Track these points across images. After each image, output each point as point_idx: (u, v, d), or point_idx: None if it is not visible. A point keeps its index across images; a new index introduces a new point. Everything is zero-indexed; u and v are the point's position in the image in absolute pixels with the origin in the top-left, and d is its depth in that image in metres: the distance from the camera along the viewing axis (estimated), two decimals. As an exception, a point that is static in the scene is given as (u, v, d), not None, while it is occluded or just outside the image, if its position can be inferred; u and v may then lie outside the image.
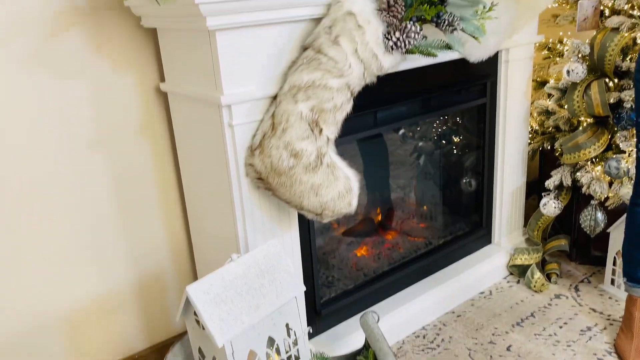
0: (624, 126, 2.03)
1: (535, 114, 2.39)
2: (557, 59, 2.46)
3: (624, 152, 2.08)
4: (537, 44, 2.40)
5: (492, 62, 2.08)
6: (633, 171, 1.97)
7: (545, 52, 2.54)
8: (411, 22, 1.39)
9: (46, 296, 1.60)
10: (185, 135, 1.64)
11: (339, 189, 1.44)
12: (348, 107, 1.44)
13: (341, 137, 1.50)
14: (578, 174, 2.15)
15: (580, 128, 2.16)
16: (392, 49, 1.40)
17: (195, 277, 1.90)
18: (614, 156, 2.07)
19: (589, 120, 2.16)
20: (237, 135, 1.42)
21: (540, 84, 2.53)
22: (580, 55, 2.09)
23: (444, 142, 2.35)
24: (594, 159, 2.18)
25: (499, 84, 2.17)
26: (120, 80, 1.61)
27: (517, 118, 2.25)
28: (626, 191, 2.01)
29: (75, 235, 1.62)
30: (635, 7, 2.03)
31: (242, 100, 1.39)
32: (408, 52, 1.44)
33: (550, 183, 2.23)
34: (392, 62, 1.44)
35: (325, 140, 1.42)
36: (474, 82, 2.08)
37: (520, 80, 2.20)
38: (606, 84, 2.10)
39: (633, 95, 2.00)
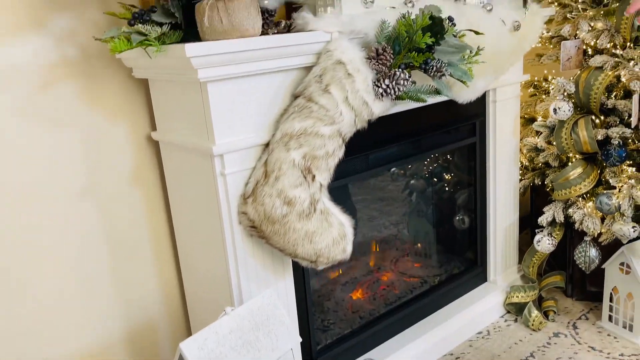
0: (612, 163, 2.05)
1: (524, 151, 2.41)
2: (543, 96, 2.51)
3: (614, 187, 2.09)
4: (523, 83, 2.44)
5: (480, 102, 2.11)
6: (624, 207, 1.98)
7: (532, 89, 2.59)
8: (400, 70, 1.42)
9: (34, 346, 1.55)
10: (177, 183, 1.63)
11: (333, 235, 1.43)
12: (340, 153, 1.44)
13: (333, 182, 1.50)
14: (570, 210, 2.16)
15: (570, 164, 2.18)
16: (382, 95, 1.41)
17: (188, 327, 1.86)
18: (605, 192, 2.08)
19: (578, 156, 2.19)
20: (230, 183, 1.41)
21: (528, 121, 2.57)
22: (565, 94, 2.13)
23: (435, 179, 2.36)
24: (585, 195, 2.19)
25: (487, 123, 2.20)
26: (112, 129, 1.61)
27: (507, 155, 2.27)
28: (618, 227, 2.01)
29: (65, 284, 1.58)
30: (618, 46, 2.08)
31: (235, 149, 1.39)
32: (398, 98, 1.45)
33: (543, 219, 2.23)
34: (383, 108, 1.45)
35: (318, 186, 1.42)
36: (464, 122, 2.11)
37: (508, 119, 2.23)
38: (593, 121, 2.14)
39: (620, 132, 2.03)
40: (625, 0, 1.96)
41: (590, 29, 2.12)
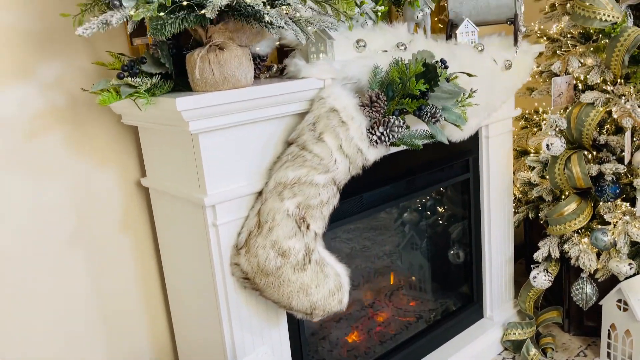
0: (606, 199, 2.04)
1: (517, 184, 2.40)
2: (535, 129, 2.51)
3: (610, 223, 2.08)
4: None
5: (474, 139, 2.10)
6: (620, 244, 1.97)
7: (523, 122, 2.60)
8: (394, 116, 1.40)
9: (18, 411, 1.48)
10: (168, 231, 1.59)
11: (329, 287, 1.39)
12: (335, 200, 1.42)
13: (329, 224, 1.47)
14: (566, 246, 2.14)
15: (564, 200, 2.17)
16: (377, 142, 1.39)
17: (179, 377, 1.80)
18: (600, 228, 2.07)
19: (572, 191, 2.18)
20: (222, 234, 1.38)
21: (520, 153, 2.57)
22: (557, 130, 2.13)
23: (429, 212, 2.34)
24: (580, 230, 2.18)
25: (481, 158, 2.19)
26: (101, 176, 1.58)
27: (500, 190, 2.26)
28: (615, 264, 1.99)
29: (53, 334, 1.52)
30: (609, 82, 2.09)
31: (227, 199, 1.36)
32: (392, 144, 1.44)
33: (538, 255, 2.21)
34: (377, 155, 1.43)
35: (313, 236, 1.39)
36: (457, 160, 2.09)
37: (501, 154, 2.22)
38: (585, 156, 2.14)
39: (613, 169, 2.02)
40: (615, 38, 1.97)
41: (580, 65, 2.13)
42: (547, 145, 2.12)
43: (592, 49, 2.11)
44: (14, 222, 1.43)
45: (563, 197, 2.22)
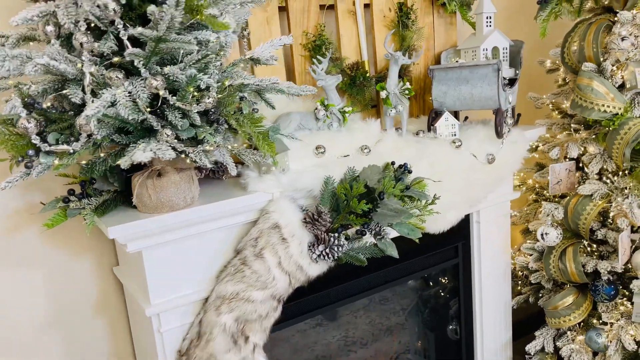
0: (600, 300, 1.91)
1: (517, 267, 2.30)
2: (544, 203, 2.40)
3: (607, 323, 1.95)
4: (524, 190, 2.35)
5: (463, 224, 2.04)
6: (610, 351, 1.84)
7: (533, 195, 2.48)
8: (336, 234, 1.40)
9: None
10: (134, 320, 1.68)
11: (263, 400, 1.42)
12: (276, 314, 1.44)
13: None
14: (559, 342, 2.03)
15: (561, 292, 2.05)
16: (317, 260, 1.40)
17: None
18: (596, 328, 1.95)
19: (569, 283, 2.06)
20: (166, 340, 1.44)
21: (528, 231, 2.45)
22: (553, 219, 2.02)
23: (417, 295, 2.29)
24: (579, 324, 2.06)
25: (472, 243, 2.12)
26: (77, 265, 1.69)
27: (495, 274, 2.17)
28: (607, 371, 1.87)
29: (25, 416, 1.65)
30: (610, 172, 1.96)
31: (172, 307, 1.42)
32: (337, 260, 1.44)
33: (531, 347, 2.11)
34: (320, 270, 1.44)
35: (251, 348, 1.42)
36: (444, 247, 2.04)
37: (496, 238, 2.14)
38: (584, 248, 2.02)
39: (610, 267, 1.90)
40: (615, 131, 1.85)
41: (581, 152, 2.02)
42: (542, 235, 2.03)
43: (593, 135, 1.99)
44: (-7, 308, 1.57)
45: (562, 290, 2.10)
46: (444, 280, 2.30)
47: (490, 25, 2.00)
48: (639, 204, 1.81)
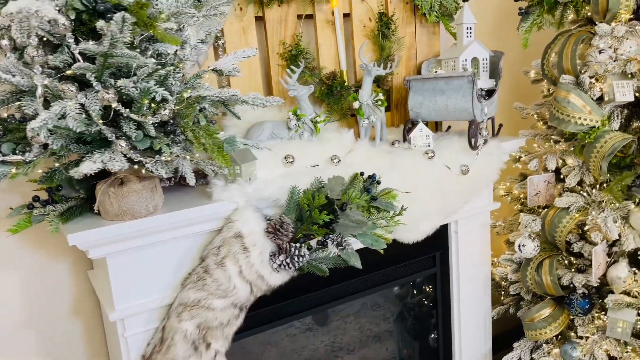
0: (575, 313, 1.90)
1: (497, 278, 2.29)
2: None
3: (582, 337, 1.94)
4: (508, 200, 2.34)
5: (442, 233, 2.05)
6: (584, 366, 1.83)
7: (519, 206, 2.47)
8: (298, 245, 1.42)
9: None
10: (106, 323, 1.71)
11: (222, 407, 1.44)
12: (238, 321, 1.46)
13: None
14: (535, 354, 2.02)
15: (538, 304, 2.04)
16: (278, 270, 1.42)
17: None
18: (571, 341, 1.93)
19: (546, 295, 2.05)
20: (131, 344, 1.46)
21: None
22: (530, 231, 2.01)
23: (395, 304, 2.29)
24: (557, 336, 2.05)
25: (450, 253, 2.12)
26: (54, 267, 1.73)
27: (474, 285, 2.17)
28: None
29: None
30: (588, 185, 1.95)
31: (136, 312, 1.45)
32: (299, 270, 1.46)
33: (508, 359, 2.10)
34: (282, 280, 1.46)
35: (212, 355, 1.44)
36: (421, 256, 2.05)
37: (475, 248, 2.14)
38: (561, 260, 2.01)
39: (585, 281, 1.89)
40: (591, 144, 1.84)
41: (560, 164, 2.01)
42: (519, 247, 2.02)
43: (572, 148, 1.98)
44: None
45: (540, 302, 2.09)
46: (427, 289, 2.30)
47: (470, 36, 2.00)
48: (615, 217, 1.80)
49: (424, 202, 1.76)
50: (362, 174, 1.62)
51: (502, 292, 2.40)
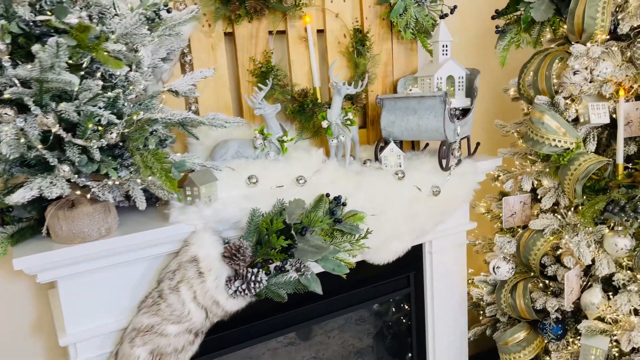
0: (547, 338, 1.86)
1: (474, 299, 2.25)
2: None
3: (556, 362, 1.90)
4: (489, 217, 2.30)
5: (415, 253, 2.01)
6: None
7: (499, 224, 2.43)
8: (255, 270, 1.38)
9: None
10: (65, 343, 1.67)
11: None
12: (193, 347, 1.42)
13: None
14: (508, 379, 1.98)
15: (513, 328, 2.00)
16: (234, 295, 1.38)
17: None
18: (545, 366, 1.89)
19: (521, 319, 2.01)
20: (83, 369, 1.43)
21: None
22: (505, 253, 1.98)
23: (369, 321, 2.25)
24: (531, 360, 2.00)
25: (424, 274, 2.08)
26: (14, 285, 1.69)
27: (450, 306, 2.13)
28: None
29: None
30: (562, 207, 1.92)
31: (89, 336, 1.41)
32: (256, 295, 1.42)
33: (481, 383, 2.06)
34: (239, 306, 1.42)
35: (166, 382, 1.40)
36: (394, 277, 2.01)
37: (451, 268, 2.10)
38: (537, 283, 1.97)
39: (558, 305, 1.85)
40: (565, 166, 1.81)
41: (535, 185, 1.97)
42: (494, 269, 1.98)
43: (548, 169, 1.94)
44: None
45: (515, 325, 2.05)
46: (405, 306, 2.26)
47: (446, 54, 1.97)
48: (588, 242, 1.76)
49: (393, 224, 1.72)
50: (327, 195, 1.59)
51: (482, 312, 2.36)
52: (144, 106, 1.27)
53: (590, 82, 1.80)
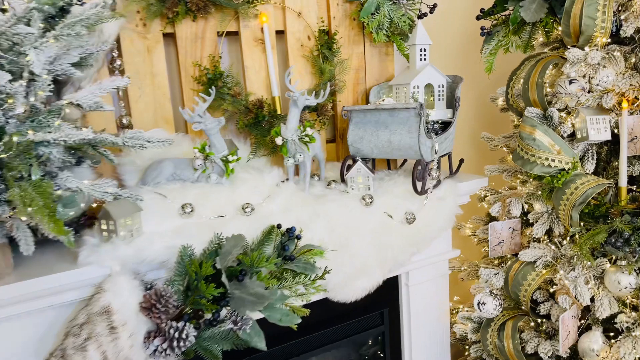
0: (540, 389, 1.61)
1: (458, 336, 2.00)
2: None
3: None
4: (476, 242, 2.06)
5: (390, 286, 1.76)
6: None
7: (485, 249, 2.18)
8: (179, 325, 1.12)
9: None
10: None
11: None
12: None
13: None
14: None
15: (500, 371, 1.75)
16: (153, 356, 1.12)
17: None
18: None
19: (511, 362, 1.76)
20: None
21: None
22: (491, 287, 1.73)
23: None
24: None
25: (401, 309, 1.83)
26: None
27: (430, 344, 1.88)
28: None
29: None
30: (557, 236, 1.67)
31: (-21, 405, 1.15)
32: (182, 355, 1.16)
33: None
34: (163, 366, 1.16)
35: None
36: (366, 313, 1.75)
37: (431, 301, 1.85)
38: (528, 322, 1.72)
39: (552, 350, 1.60)
40: (560, 190, 1.56)
41: (525, 210, 1.73)
42: (479, 305, 1.73)
43: (540, 192, 1.70)
44: None
45: None
46: (380, 353, 2.01)
47: (424, 59, 1.72)
48: (587, 278, 1.52)
49: (360, 258, 1.47)
50: (279, 226, 1.34)
51: (467, 347, 2.11)
52: (37, 123, 1.01)
53: (589, 92, 1.55)
